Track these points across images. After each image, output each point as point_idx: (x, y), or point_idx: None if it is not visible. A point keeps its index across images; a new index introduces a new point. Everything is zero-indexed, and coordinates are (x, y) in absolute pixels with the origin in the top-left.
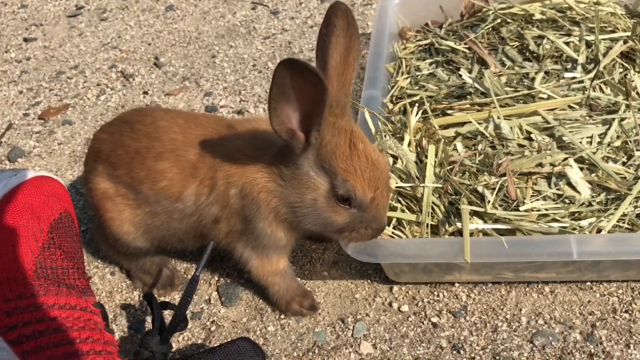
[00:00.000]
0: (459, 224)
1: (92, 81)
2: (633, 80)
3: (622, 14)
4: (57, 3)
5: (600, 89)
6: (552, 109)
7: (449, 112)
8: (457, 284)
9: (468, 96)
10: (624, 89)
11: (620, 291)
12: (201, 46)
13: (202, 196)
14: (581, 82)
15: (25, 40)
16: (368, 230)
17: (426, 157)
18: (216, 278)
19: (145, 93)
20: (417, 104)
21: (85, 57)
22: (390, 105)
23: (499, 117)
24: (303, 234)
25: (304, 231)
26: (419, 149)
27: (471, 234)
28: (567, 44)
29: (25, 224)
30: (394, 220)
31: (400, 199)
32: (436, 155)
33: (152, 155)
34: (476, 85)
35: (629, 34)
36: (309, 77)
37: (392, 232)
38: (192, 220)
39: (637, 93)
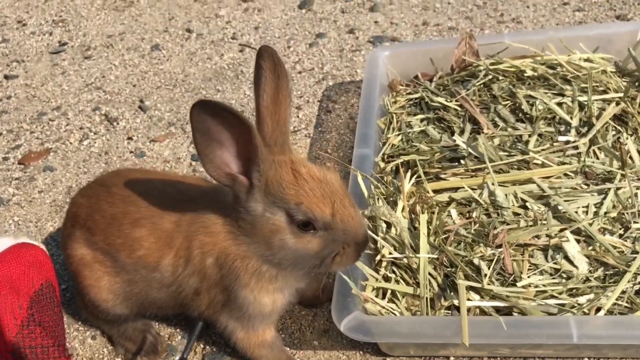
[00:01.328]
0: (455, 301)
1: (75, 124)
2: (626, 144)
3: (612, 72)
4: (40, 39)
5: (595, 154)
6: (548, 177)
7: (442, 175)
8: (452, 358)
9: (462, 160)
10: (617, 153)
11: None
12: (187, 89)
13: (179, 267)
14: (576, 147)
15: (6, 77)
16: (349, 249)
17: (419, 223)
18: (202, 346)
19: (130, 139)
20: (409, 165)
21: (68, 98)
22: (382, 164)
23: (493, 184)
24: (290, 296)
25: (291, 288)
26: (412, 215)
27: (468, 310)
28: (559, 104)
29: (3, 300)
30: (389, 292)
31: (394, 269)
32: (430, 223)
33: (129, 222)
34: (470, 150)
35: (620, 95)
36: (228, 117)
37: (386, 305)
38: (171, 290)
39: (631, 158)
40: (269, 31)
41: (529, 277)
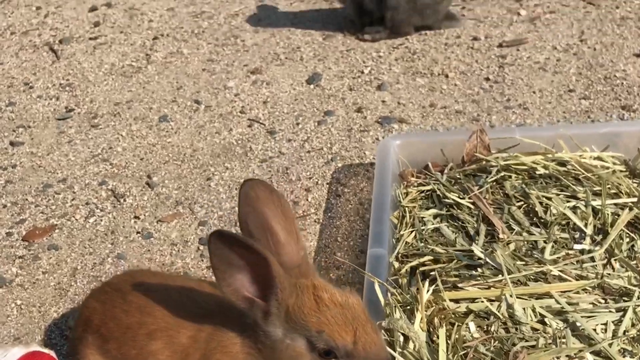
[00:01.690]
0: None
1: (81, 199)
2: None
3: (621, 171)
4: (47, 103)
5: (611, 264)
6: (566, 291)
7: (459, 284)
8: None
9: (479, 268)
10: (634, 264)
11: None
12: (196, 165)
13: None
14: (592, 258)
15: (12, 144)
16: None
17: (438, 337)
18: None
19: (137, 218)
20: (425, 268)
21: (74, 169)
22: (397, 264)
23: (511, 296)
24: None
25: None
26: (430, 327)
27: None
28: (573, 209)
29: None
30: None
31: None
32: (449, 337)
33: (145, 333)
34: (488, 260)
35: (634, 200)
36: (245, 248)
37: None
38: None
39: None
40: (278, 106)
41: None
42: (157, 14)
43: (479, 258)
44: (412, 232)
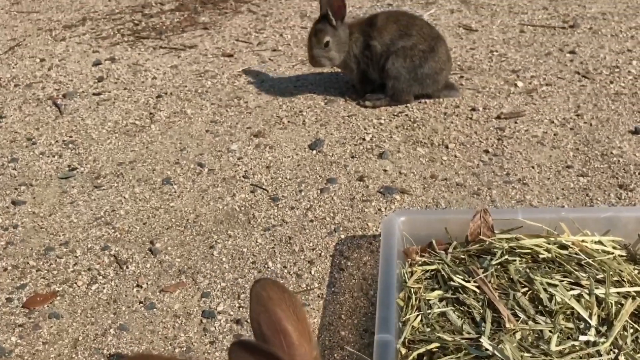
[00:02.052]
0: None
1: (83, 264)
2: None
3: (621, 256)
4: (49, 160)
5: (617, 358)
6: None
7: None
8: None
9: (487, 359)
10: (637, 356)
11: None
12: (199, 232)
13: None
14: (598, 351)
15: (14, 203)
16: None
17: None
18: None
19: (139, 286)
20: (432, 355)
21: (76, 232)
22: (403, 350)
23: None
24: None
25: None
26: None
27: None
28: (578, 297)
29: None
30: None
31: None
32: None
33: None
34: (496, 352)
35: (637, 289)
36: (267, 357)
37: None
38: None
39: None
40: (281, 171)
41: None
42: (160, 71)
43: (487, 349)
44: (418, 315)
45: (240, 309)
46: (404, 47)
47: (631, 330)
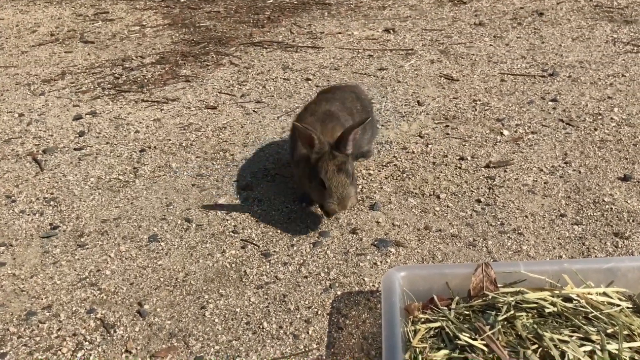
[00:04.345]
0: None
1: (68, 329)
2: None
3: (629, 308)
4: (30, 219)
5: None
6: None
7: None
8: None
9: None
10: None
11: None
12: (189, 292)
13: None
14: None
15: None
16: None
17: None
18: None
19: (128, 352)
20: None
21: (59, 295)
22: None
23: None
24: None
25: None
26: None
27: None
28: (590, 353)
29: None
30: None
31: None
32: None
33: None
34: None
35: None
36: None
37: None
38: None
39: None
40: (271, 225)
41: None
42: (143, 124)
43: None
44: None
45: None
46: None
47: None
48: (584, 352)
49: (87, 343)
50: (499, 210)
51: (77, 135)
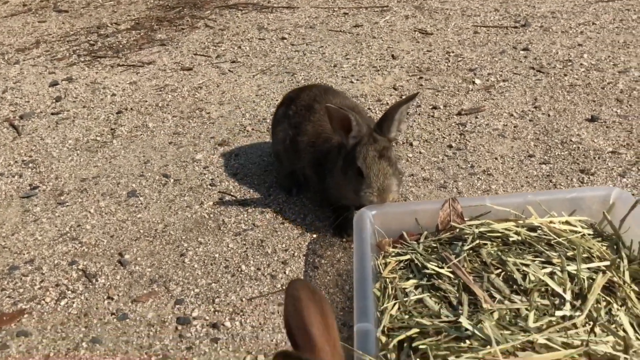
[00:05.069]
0: None
1: (51, 280)
2: (617, 316)
3: (591, 236)
4: (9, 180)
5: (593, 330)
6: None
7: (448, 358)
8: None
9: (467, 340)
10: (612, 326)
11: None
12: (168, 241)
13: None
14: (575, 324)
15: None
16: None
17: None
18: None
19: (110, 298)
20: (412, 341)
21: (41, 249)
22: (384, 339)
23: None
24: None
25: None
26: None
27: None
28: (550, 274)
29: None
30: None
31: None
32: None
33: None
34: (476, 331)
35: (606, 263)
36: None
37: None
38: None
39: (624, 330)
40: (248, 177)
41: None
42: (119, 87)
43: (467, 329)
44: (395, 303)
45: (216, 313)
46: None
47: (604, 303)
48: (545, 273)
49: (69, 292)
50: (469, 154)
51: (54, 101)
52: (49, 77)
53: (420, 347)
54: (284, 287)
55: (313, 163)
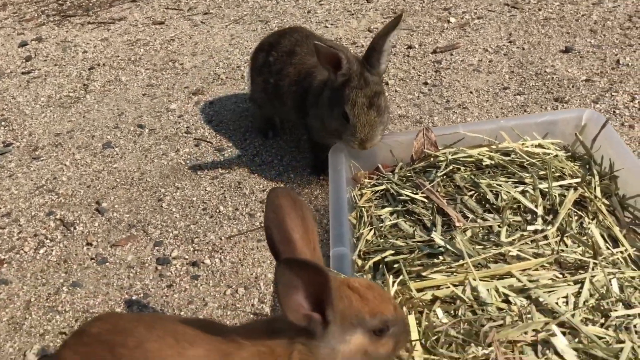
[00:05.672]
0: None
1: (29, 231)
2: (589, 229)
3: (564, 157)
4: None
5: (564, 242)
6: (525, 269)
7: (423, 274)
8: None
9: (440, 256)
10: (584, 239)
11: None
12: (145, 188)
13: None
14: (546, 236)
15: None
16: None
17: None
18: None
19: (89, 244)
20: (387, 263)
21: (18, 203)
22: (360, 262)
23: (474, 279)
24: None
25: None
26: None
27: None
28: (523, 193)
29: None
30: None
31: None
32: (419, 324)
33: None
34: (448, 246)
35: (578, 180)
36: (312, 271)
37: None
38: None
39: (598, 246)
40: (223, 124)
41: None
42: (90, 45)
43: (440, 246)
44: (371, 229)
45: (195, 252)
46: None
47: (576, 217)
48: (517, 191)
49: (48, 241)
50: (445, 90)
51: (24, 60)
52: (17, 38)
53: (395, 265)
54: (262, 224)
55: (296, 102)
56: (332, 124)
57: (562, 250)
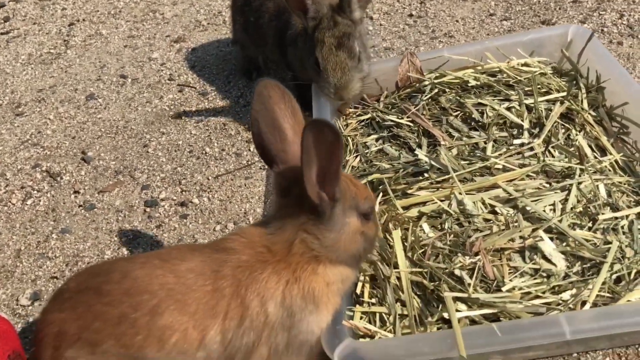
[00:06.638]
0: (444, 314)
1: (15, 184)
2: (576, 140)
3: (551, 74)
4: None
5: (550, 152)
6: (511, 180)
7: (409, 191)
8: None
9: (425, 173)
10: (572, 150)
11: (607, 359)
12: (130, 135)
13: (230, 331)
14: (532, 148)
15: None
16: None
17: (393, 240)
18: None
19: (77, 192)
20: (374, 185)
21: (3, 158)
22: None
23: (460, 193)
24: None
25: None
26: (386, 234)
27: (458, 322)
28: (508, 109)
29: None
30: (377, 317)
31: (376, 293)
32: (405, 240)
33: (146, 312)
34: (433, 162)
35: (563, 94)
36: (330, 135)
37: (378, 330)
38: None
39: (585, 154)
40: (206, 69)
41: (511, 280)
42: (69, 1)
43: (425, 163)
44: (357, 156)
45: (183, 192)
46: None
47: (562, 130)
48: (503, 107)
49: (35, 192)
50: (430, 20)
51: (2, 21)
52: None
53: (380, 187)
54: (249, 163)
55: (276, 38)
56: (309, 73)
57: (549, 160)
